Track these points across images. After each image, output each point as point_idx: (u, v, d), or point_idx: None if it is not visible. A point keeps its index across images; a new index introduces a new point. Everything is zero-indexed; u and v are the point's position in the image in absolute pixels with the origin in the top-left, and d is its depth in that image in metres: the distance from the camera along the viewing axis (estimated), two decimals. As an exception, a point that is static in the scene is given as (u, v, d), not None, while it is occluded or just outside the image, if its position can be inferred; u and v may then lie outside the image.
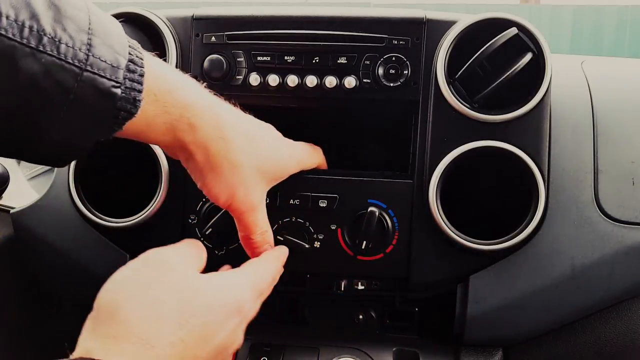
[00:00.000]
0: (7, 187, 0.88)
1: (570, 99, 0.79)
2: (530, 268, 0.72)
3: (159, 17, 0.77)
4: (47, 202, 0.81)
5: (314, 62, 0.74)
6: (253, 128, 0.63)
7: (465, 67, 0.70)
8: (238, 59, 0.75)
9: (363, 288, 0.77)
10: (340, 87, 0.74)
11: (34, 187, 0.97)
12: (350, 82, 0.73)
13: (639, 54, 8.28)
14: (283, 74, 0.74)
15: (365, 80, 0.73)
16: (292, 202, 0.74)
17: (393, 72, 0.73)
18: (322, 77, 0.74)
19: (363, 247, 0.72)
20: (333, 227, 0.74)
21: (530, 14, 8.97)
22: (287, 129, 0.69)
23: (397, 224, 0.73)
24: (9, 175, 0.89)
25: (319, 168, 0.77)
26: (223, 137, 0.56)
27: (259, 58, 0.75)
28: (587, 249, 0.72)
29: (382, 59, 0.73)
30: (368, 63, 0.73)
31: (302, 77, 0.74)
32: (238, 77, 0.75)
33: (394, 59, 0.73)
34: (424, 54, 0.73)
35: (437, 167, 0.71)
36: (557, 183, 0.73)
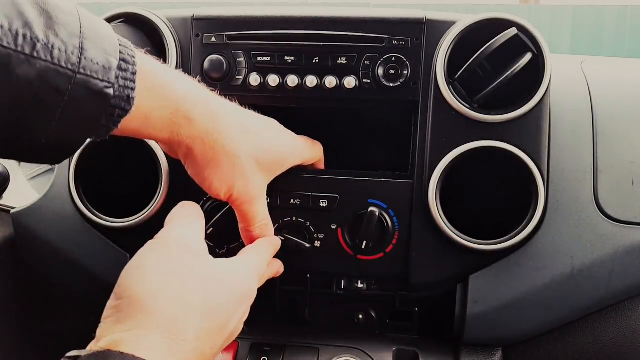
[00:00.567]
0: (7, 187, 0.88)
1: (570, 99, 0.79)
2: (530, 268, 0.72)
3: (159, 17, 0.77)
4: (47, 202, 0.81)
5: (314, 62, 0.74)
6: (251, 121, 0.63)
7: (465, 67, 0.70)
8: (238, 59, 0.75)
9: (363, 287, 0.77)
10: (340, 87, 0.74)
11: (34, 187, 0.97)
12: (350, 82, 0.73)
13: (639, 54, 8.28)
14: (283, 74, 0.74)
15: (365, 81, 0.73)
16: (292, 201, 0.74)
17: (393, 72, 0.73)
18: (322, 77, 0.74)
19: (363, 246, 0.73)
20: (333, 226, 0.74)
21: (530, 14, 8.96)
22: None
23: (397, 224, 0.74)
24: (9, 175, 0.89)
25: (318, 164, 0.77)
26: (219, 129, 0.57)
27: (259, 58, 0.75)
28: (586, 249, 0.72)
29: (382, 59, 0.73)
30: (368, 63, 0.73)
31: (302, 77, 0.74)
32: (238, 77, 0.75)
33: (394, 59, 0.73)
34: (424, 54, 0.73)
35: (437, 167, 0.71)
36: (556, 183, 0.73)
